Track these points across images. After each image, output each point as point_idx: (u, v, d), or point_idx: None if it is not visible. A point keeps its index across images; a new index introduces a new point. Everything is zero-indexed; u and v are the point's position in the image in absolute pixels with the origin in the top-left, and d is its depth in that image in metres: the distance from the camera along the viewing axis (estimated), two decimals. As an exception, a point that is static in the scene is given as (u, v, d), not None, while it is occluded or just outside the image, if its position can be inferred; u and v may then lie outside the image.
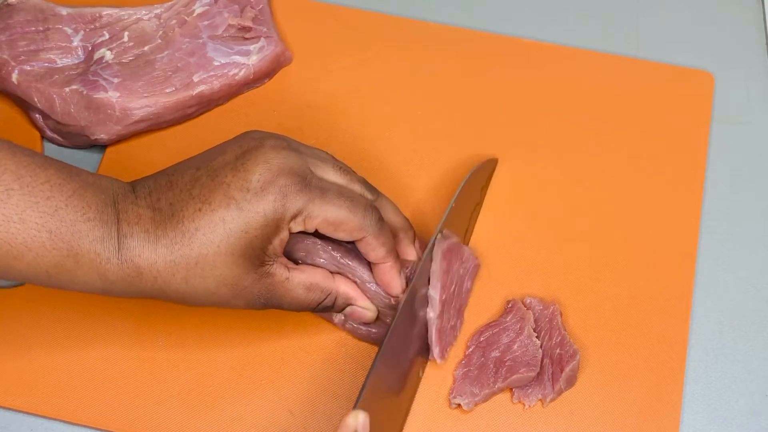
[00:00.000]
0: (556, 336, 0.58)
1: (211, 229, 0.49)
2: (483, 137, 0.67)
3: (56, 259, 0.48)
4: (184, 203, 0.50)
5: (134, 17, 0.68)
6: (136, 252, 0.49)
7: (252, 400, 0.57)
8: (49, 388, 0.57)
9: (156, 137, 0.67)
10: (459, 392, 0.57)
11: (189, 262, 0.49)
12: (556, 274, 0.61)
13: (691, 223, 0.64)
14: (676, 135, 0.67)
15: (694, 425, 0.57)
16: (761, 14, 0.73)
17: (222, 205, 0.49)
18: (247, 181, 0.50)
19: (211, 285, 0.50)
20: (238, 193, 0.50)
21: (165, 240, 0.49)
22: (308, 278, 0.53)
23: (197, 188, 0.50)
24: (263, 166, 0.50)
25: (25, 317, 0.59)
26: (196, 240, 0.49)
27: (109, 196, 0.50)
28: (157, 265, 0.49)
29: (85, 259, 0.49)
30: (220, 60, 0.67)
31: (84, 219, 0.49)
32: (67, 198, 0.49)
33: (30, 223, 0.47)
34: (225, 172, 0.50)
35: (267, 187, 0.50)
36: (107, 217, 0.49)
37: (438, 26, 0.72)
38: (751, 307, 0.61)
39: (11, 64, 0.65)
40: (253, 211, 0.49)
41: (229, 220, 0.49)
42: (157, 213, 0.50)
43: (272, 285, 0.52)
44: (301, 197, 0.50)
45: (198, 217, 0.49)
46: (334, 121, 0.67)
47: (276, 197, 0.50)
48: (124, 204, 0.50)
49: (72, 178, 0.50)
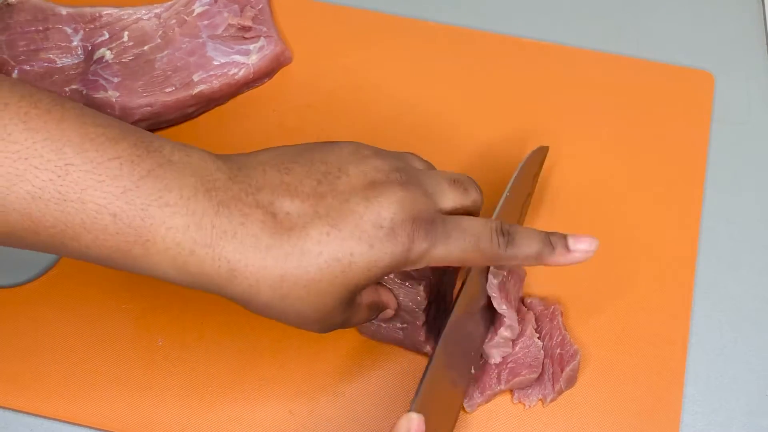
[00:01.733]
0: (557, 336, 0.58)
1: (336, 258, 0.45)
2: (483, 137, 0.67)
3: (120, 244, 0.44)
4: (309, 219, 0.46)
5: (134, 17, 0.68)
6: (237, 255, 0.44)
7: (252, 400, 0.57)
8: (49, 388, 0.57)
9: (156, 137, 0.67)
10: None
11: (298, 282, 0.45)
12: (556, 274, 0.61)
13: (691, 223, 0.64)
14: (676, 135, 0.67)
15: (694, 425, 0.58)
16: (761, 14, 0.73)
17: (354, 237, 0.45)
18: (380, 217, 0.46)
19: (306, 309, 0.47)
20: (372, 229, 0.46)
21: (277, 252, 0.45)
22: (368, 298, 0.52)
23: (323, 207, 0.46)
24: (397, 206, 0.46)
25: (25, 317, 0.59)
26: (315, 264, 0.45)
27: (198, 178, 0.45)
28: (259, 274, 0.45)
29: (158, 247, 0.44)
30: (220, 59, 0.67)
31: (160, 204, 0.44)
32: (139, 178, 0.44)
33: (90, 204, 0.43)
34: (357, 201, 0.46)
35: (398, 230, 0.46)
36: (196, 205, 0.44)
37: (438, 26, 0.72)
38: (751, 307, 0.61)
39: (11, 64, 0.65)
40: (382, 252, 0.46)
41: (357, 255, 0.46)
42: (269, 217, 0.45)
43: (354, 314, 0.50)
44: (426, 242, 0.47)
45: (325, 241, 0.45)
46: (334, 121, 0.67)
47: (405, 241, 0.46)
48: (224, 195, 0.45)
49: (150, 154, 0.44)
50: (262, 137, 0.55)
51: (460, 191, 0.51)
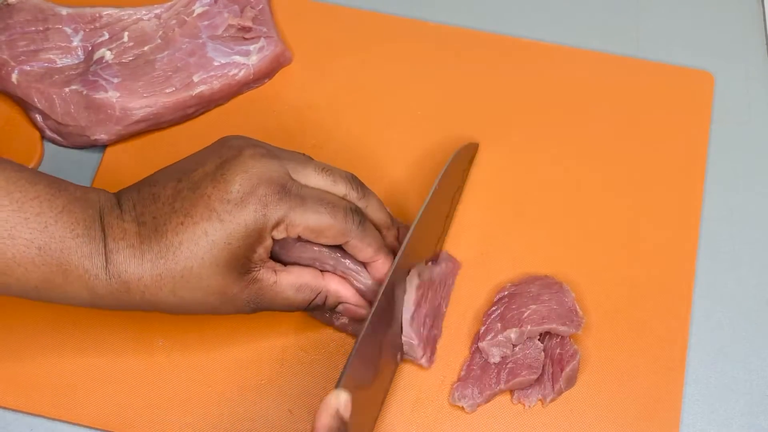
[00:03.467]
0: (557, 336, 0.58)
1: (195, 242, 0.50)
2: (484, 137, 0.67)
3: (45, 274, 0.49)
4: (167, 217, 0.50)
5: (134, 17, 0.68)
6: (122, 267, 0.50)
7: (252, 400, 0.57)
8: (49, 388, 0.57)
9: (156, 137, 0.67)
10: (462, 394, 0.57)
11: (175, 275, 0.50)
12: (556, 274, 0.61)
13: (691, 223, 0.64)
14: (676, 135, 0.67)
15: (694, 425, 0.57)
16: (761, 14, 0.73)
17: (204, 218, 0.50)
18: (227, 192, 0.50)
19: (199, 296, 0.51)
20: (219, 205, 0.50)
21: (150, 255, 0.50)
22: (297, 279, 0.54)
23: (179, 201, 0.51)
24: (242, 176, 0.50)
25: (26, 318, 0.59)
26: (180, 254, 0.50)
27: (95, 210, 0.51)
28: (144, 280, 0.50)
29: (73, 275, 0.50)
30: (220, 60, 0.67)
31: (72, 235, 0.49)
32: (56, 214, 0.49)
33: (19, 239, 0.48)
34: (205, 184, 0.51)
35: (247, 198, 0.50)
36: (94, 232, 0.50)
37: (438, 26, 0.72)
38: (751, 307, 0.61)
39: (11, 64, 0.65)
40: (235, 223, 0.50)
41: (212, 233, 0.50)
42: (141, 227, 0.51)
43: (261, 290, 0.52)
44: (281, 206, 0.51)
45: (181, 230, 0.50)
46: (335, 121, 0.67)
47: (256, 207, 0.50)
48: (110, 218, 0.51)
49: (61, 193, 0.50)
50: (262, 137, 0.55)
51: (328, 180, 0.54)
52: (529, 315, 0.57)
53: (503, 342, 0.57)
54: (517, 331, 0.56)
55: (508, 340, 0.57)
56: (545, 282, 0.60)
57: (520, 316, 0.57)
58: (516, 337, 0.56)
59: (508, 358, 0.57)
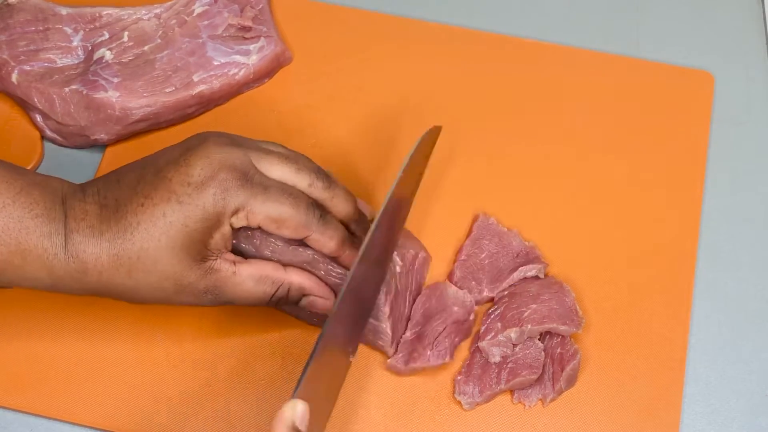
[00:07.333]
0: (557, 335, 0.58)
1: (153, 222, 0.50)
2: (485, 137, 0.67)
3: (4, 255, 0.50)
4: (128, 199, 0.51)
5: (134, 17, 0.68)
6: (81, 247, 0.50)
7: (252, 400, 0.57)
8: (49, 388, 0.57)
9: (156, 137, 0.67)
10: (462, 390, 0.57)
11: (131, 256, 0.50)
12: (556, 274, 0.61)
13: (691, 223, 0.64)
14: (676, 135, 0.67)
15: (694, 425, 0.57)
16: (761, 14, 0.73)
17: (163, 200, 0.50)
18: (188, 175, 0.51)
19: (154, 280, 0.51)
20: (180, 188, 0.50)
21: (108, 234, 0.50)
22: (257, 270, 0.53)
23: (141, 184, 0.51)
24: (204, 161, 0.51)
25: (25, 317, 0.59)
26: (137, 234, 0.50)
27: (57, 194, 0.51)
28: (102, 260, 0.50)
29: (32, 255, 0.50)
30: (220, 60, 0.67)
31: (31, 215, 0.50)
32: (14, 195, 0.50)
33: None
34: (168, 168, 0.51)
35: (207, 182, 0.50)
36: (55, 214, 0.50)
37: (438, 26, 0.72)
38: (751, 307, 0.61)
39: (11, 64, 0.65)
40: (193, 205, 0.50)
41: (170, 214, 0.50)
42: (103, 209, 0.51)
43: (219, 280, 0.52)
44: (241, 192, 0.51)
45: (140, 211, 0.50)
46: (334, 121, 0.67)
47: (216, 191, 0.50)
48: (72, 201, 0.51)
49: (20, 176, 0.51)
50: (262, 137, 0.55)
51: (292, 168, 0.53)
52: (529, 314, 0.57)
53: (503, 341, 0.57)
54: (518, 331, 0.56)
55: (508, 340, 0.57)
56: (545, 282, 0.60)
57: (520, 316, 0.57)
58: (516, 336, 0.57)
59: (509, 357, 0.57)
